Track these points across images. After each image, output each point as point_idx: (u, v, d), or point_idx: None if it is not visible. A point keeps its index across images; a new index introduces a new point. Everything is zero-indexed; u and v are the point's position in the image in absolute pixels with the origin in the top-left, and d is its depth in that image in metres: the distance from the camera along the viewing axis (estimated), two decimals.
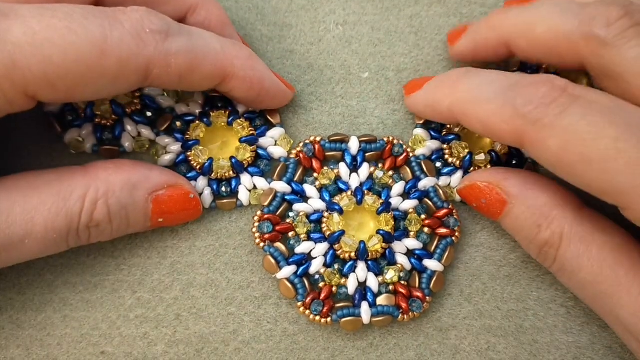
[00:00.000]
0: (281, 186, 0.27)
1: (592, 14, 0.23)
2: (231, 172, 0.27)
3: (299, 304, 0.26)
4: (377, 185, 0.27)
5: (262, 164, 0.28)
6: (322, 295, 0.26)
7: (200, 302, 0.27)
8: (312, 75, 0.30)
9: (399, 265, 0.27)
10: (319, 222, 0.27)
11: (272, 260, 0.26)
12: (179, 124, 0.28)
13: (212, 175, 0.27)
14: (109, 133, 0.28)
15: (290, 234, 0.27)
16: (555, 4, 0.25)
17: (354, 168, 0.28)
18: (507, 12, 0.26)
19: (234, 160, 0.27)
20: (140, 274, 0.27)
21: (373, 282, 0.26)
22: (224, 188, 0.27)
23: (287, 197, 0.27)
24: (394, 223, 0.27)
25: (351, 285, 0.26)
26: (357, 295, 0.26)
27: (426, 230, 0.27)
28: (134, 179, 0.25)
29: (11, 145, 0.28)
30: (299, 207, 0.27)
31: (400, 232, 0.27)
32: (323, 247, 0.26)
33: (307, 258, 0.27)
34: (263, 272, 0.27)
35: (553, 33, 0.24)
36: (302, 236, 0.27)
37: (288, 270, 0.26)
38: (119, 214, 0.24)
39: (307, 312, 0.26)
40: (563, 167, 0.22)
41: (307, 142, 0.28)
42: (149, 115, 0.28)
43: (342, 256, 0.26)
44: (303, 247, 0.26)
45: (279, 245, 0.27)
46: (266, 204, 0.27)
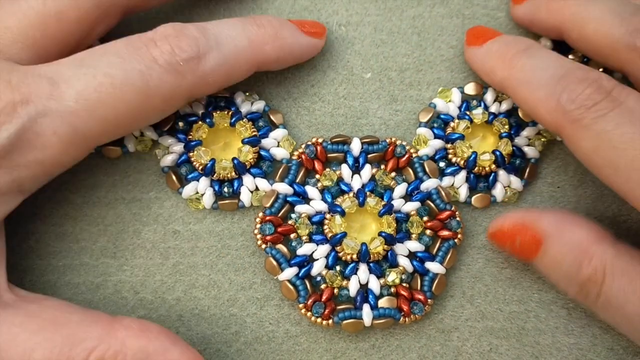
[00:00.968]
0: (283, 188, 0.27)
1: (637, 25, 0.24)
2: (233, 173, 0.27)
3: (301, 305, 0.26)
4: (379, 187, 0.27)
5: (265, 165, 0.28)
6: (324, 297, 0.26)
7: (202, 303, 0.27)
8: (315, 76, 0.29)
9: (401, 268, 0.27)
10: (320, 223, 0.27)
11: (274, 262, 0.26)
12: (181, 124, 0.28)
13: (215, 176, 0.27)
14: None
15: (292, 235, 0.27)
16: (609, 4, 0.26)
17: (356, 169, 0.28)
18: None
19: (236, 162, 0.27)
20: (142, 275, 0.27)
21: (375, 285, 0.26)
22: (226, 189, 0.27)
23: (289, 199, 0.27)
24: (396, 225, 0.26)
25: (353, 287, 0.26)
26: (358, 298, 0.26)
27: (428, 232, 0.27)
28: (151, 348, 0.23)
29: None
30: (301, 208, 0.27)
31: (402, 234, 0.27)
32: (325, 248, 0.26)
33: (309, 260, 0.27)
34: (265, 273, 0.27)
35: (600, 35, 0.25)
36: (304, 238, 0.27)
37: (289, 272, 0.26)
38: None
39: (309, 314, 0.26)
40: (592, 167, 0.24)
41: (309, 143, 0.28)
42: None
43: (343, 258, 0.26)
44: (305, 249, 0.26)
45: (281, 246, 0.27)
46: (268, 205, 0.27)
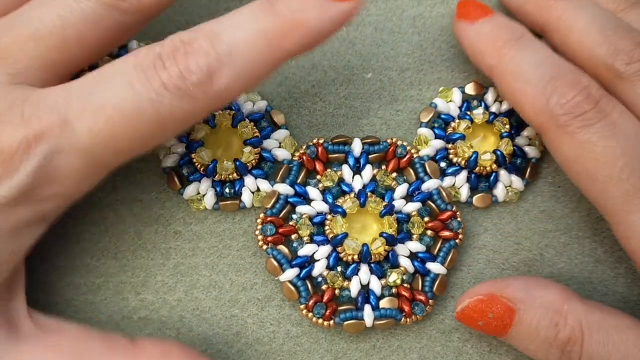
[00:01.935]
0: (284, 188, 0.27)
1: (619, 46, 0.25)
2: (235, 174, 0.27)
3: (302, 306, 0.26)
4: (380, 187, 0.27)
5: (266, 166, 0.28)
6: (325, 298, 0.26)
7: (203, 303, 0.27)
8: (316, 76, 0.29)
9: (402, 268, 0.27)
10: (321, 224, 0.27)
11: (275, 263, 0.26)
12: None
13: (216, 177, 0.27)
14: None
15: (293, 236, 0.27)
16: (595, 16, 0.26)
17: (357, 170, 0.28)
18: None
19: (237, 163, 0.27)
20: (143, 275, 0.27)
21: (376, 285, 0.26)
22: (227, 190, 0.28)
23: (290, 200, 0.27)
24: (397, 225, 0.26)
25: (354, 288, 0.26)
26: (359, 298, 0.26)
27: (429, 232, 0.27)
28: None
29: None
30: (302, 209, 0.27)
31: (403, 235, 0.27)
32: (326, 249, 0.26)
33: (310, 260, 0.27)
34: (266, 274, 0.27)
35: (582, 48, 0.26)
36: (305, 238, 0.27)
37: (291, 273, 0.26)
38: None
39: (310, 314, 0.26)
40: (570, 173, 0.25)
41: (310, 144, 0.28)
42: None
43: (344, 259, 0.26)
44: (306, 250, 0.26)
45: (282, 247, 0.27)
46: (269, 206, 0.27)
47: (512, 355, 0.27)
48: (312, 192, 0.27)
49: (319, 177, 0.28)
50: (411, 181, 0.28)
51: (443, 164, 0.28)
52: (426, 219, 0.27)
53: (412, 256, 0.27)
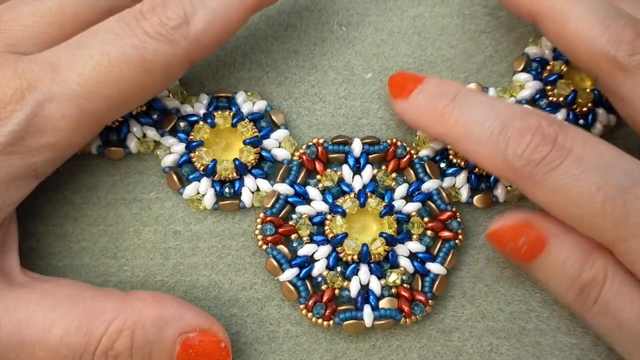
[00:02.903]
0: (284, 188, 0.27)
1: (620, 36, 0.24)
2: (234, 174, 0.27)
3: (302, 306, 0.26)
4: (380, 188, 0.27)
5: (266, 166, 0.28)
6: (325, 298, 0.26)
7: (203, 303, 0.27)
8: (316, 76, 0.29)
9: (402, 268, 0.27)
10: (321, 224, 0.27)
11: (275, 263, 0.26)
12: (183, 124, 0.28)
13: (216, 176, 0.27)
14: (114, 134, 0.28)
15: (293, 236, 0.27)
16: (593, 3, 0.24)
17: (357, 170, 0.28)
18: None
19: (237, 162, 0.27)
20: (143, 275, 0.27)
21: (375, 285, 0.26)
22: (227, 189, 0.28)
23: (290, 199, 0.27)
24: (396, 226, 0.26)
25: (354, 288, 0.26)
26: (359, 298, 0.26)
27: (429, 233, 0.27)
28: (167, 315, 0.24)
29: None
30: (302, 209, 0.27)
31: (403, 235, 0.27)
32: (325, 249, 0.26)
33: (310, 260, 0.27)
34: (266, 274, 0.27)
35: (580, 38, 0.24)
36: (305, 238, 0.27)
37: (290, 273, 0.26)
38: (142, 350, 0.23)
39: (310, 314, 0.26)
40: (555, 214, 0.24)
41: (310, 144, 0.28)
42: (154, 117, 0.28)
43: (344, 259, 0.26)
44: (305, 250, 0.26)
45: (282, 247, 0.27)
46: (269, 206, 0.27)
47: (512, 355, 0.27)
48: (312, 192, 0.27)
49: (318, 177, 0.28)
50: (411, 181, 0.28)
51: (443, 165, 0.28)
52: (426, 219, 0.27)
53: (412, 256, 0.27)
